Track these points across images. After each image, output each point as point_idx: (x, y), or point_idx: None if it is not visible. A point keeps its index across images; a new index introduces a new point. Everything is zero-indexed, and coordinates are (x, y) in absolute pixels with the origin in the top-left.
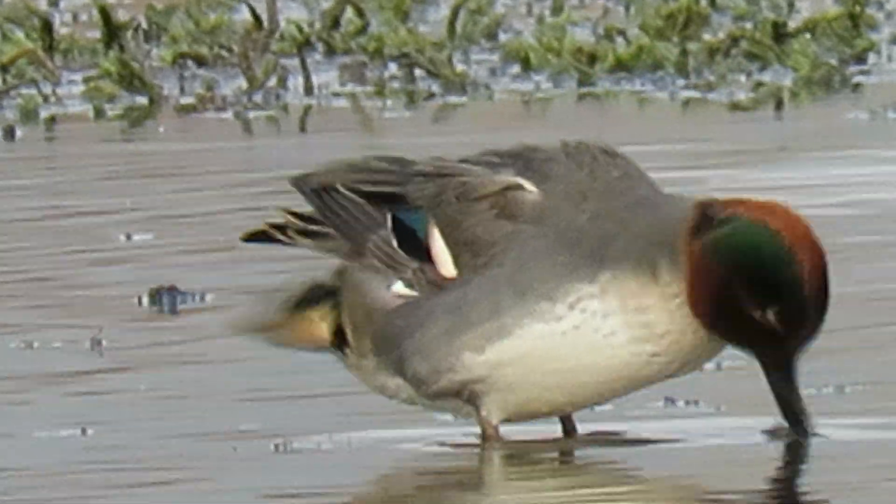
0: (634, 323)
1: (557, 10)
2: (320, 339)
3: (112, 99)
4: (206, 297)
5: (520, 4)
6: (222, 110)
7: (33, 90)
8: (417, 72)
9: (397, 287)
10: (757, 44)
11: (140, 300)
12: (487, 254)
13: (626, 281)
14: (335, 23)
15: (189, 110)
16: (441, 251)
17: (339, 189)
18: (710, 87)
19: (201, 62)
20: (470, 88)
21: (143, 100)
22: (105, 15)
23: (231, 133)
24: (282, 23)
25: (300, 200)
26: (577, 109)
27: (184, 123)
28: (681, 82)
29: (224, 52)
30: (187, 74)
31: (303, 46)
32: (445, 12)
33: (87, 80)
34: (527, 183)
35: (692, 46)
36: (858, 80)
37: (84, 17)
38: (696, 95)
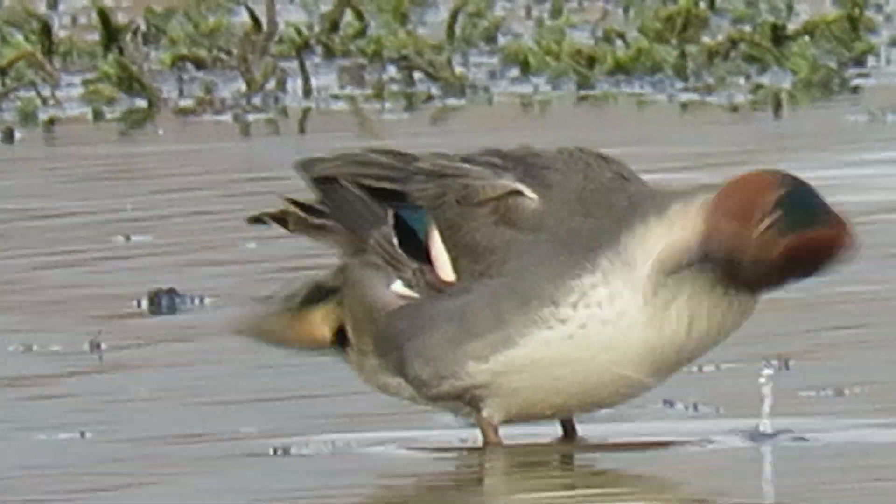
0: (642, 300)
1: (556, 13)
2: (321, 340)
3: (111, 101)
4: (205, 300)
5: (519, 7)
6: (221, 113)
7: (32, 93)
8: (416, 74)
9: (396, 286)
10: (756, 46)
11: (139, 302)
12: (486, 260)
13: (627, 260)
14: (334, 25)
15: (188, 113)
16: (440, 254)
17: (342, 182)
18: (709, 90)
19: (200, 65)
20: (469, 91)
21: (142, 102)
22: (104, 18)
23: (230, 136)
24: (281, 25)
25: (299, 198)
26: (577, 112)
27: (183, 126)
28: (680, 85)
29: (223, 55)
30: (186, 77)
31: (302, 49)
32: (444, 15)
33: (86, 83)
34: (527, 190)
35: (691, 49)
36: (857, 83)
37: (83, 20)
38: (695, 98)
